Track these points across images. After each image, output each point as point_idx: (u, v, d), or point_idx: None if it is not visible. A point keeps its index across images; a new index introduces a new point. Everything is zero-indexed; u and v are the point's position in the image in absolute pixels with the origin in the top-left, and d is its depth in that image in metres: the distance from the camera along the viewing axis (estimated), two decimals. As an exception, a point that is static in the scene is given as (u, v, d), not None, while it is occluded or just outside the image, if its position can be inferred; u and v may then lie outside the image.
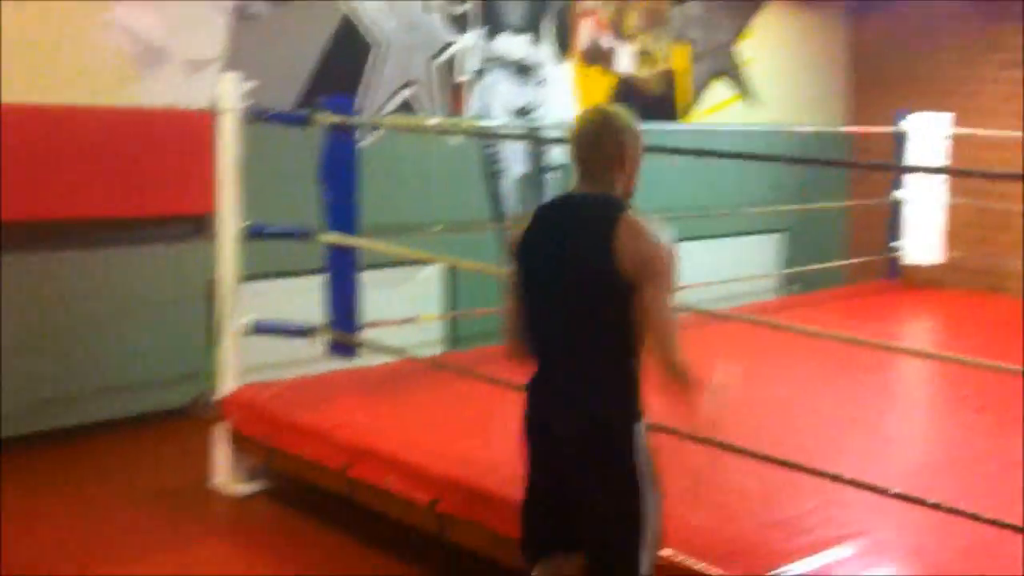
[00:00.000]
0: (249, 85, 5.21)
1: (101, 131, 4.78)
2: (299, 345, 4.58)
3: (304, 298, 4.67)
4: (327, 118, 4.38)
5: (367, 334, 4.58)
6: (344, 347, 4.44)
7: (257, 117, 4.41)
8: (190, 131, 4.82)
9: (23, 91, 4.57)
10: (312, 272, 4.61)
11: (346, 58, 5.74)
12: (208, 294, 4.45)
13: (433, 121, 5.78)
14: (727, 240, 7.89)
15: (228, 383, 4.42)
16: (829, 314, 6.75)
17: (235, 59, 5.27)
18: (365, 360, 4.66)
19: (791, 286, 8.28)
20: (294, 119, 4.52)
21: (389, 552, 3.81)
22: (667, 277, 2.55)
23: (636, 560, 2.60)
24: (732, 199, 7.44)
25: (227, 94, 4.36)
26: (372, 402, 4.31)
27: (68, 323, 4.82)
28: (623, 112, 2.72)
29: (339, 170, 4.41)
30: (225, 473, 4.39)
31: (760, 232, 8.21)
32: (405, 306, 5.68)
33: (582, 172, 2.67)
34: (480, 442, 3.76)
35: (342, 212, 4.40)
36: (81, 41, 4.80)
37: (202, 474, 4.42)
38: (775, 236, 8.36)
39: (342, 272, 4.41)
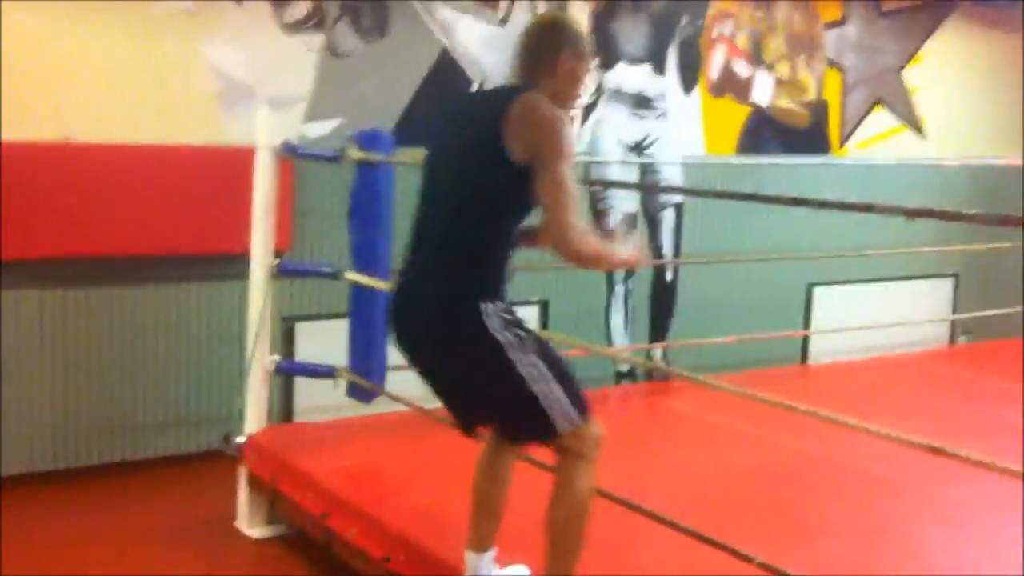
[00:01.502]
0: (335, 123, 5.32)
1: (168, 169, 4.88)
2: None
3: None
4: (356, 154, 4.31)
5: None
6: (361, 391, 4.34)
7: (291, 153, 4.40)
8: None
9: (111, 130, 4.76)
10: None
11: (444, 93, 5.64)
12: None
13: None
14: (891, 284, 7.32)
15: (252, 424, 4.42)
16: (989, 368, 6.16)
17: (322, 96, 5.30)
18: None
19: (962, 336, 7.60)
20: (326, 156, 4.46)
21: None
22: (557, 147, 2.49)
23: (543, 419, 2.59)
24: (896, 239, 6.80)
25: (262, 129, 4.38)
26: (369, 450, 4.20)
27: (127, 357, 4.98)
28: (571, 23, 2.76)
29: (367, 207, 4.32)
30: (244, 514, 4.38)
31: (928, 276, 7.53)
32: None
33: (512, 68, 2.69)
34: (447, 497, 3.56)
35: (368, 250, 4.31)
36: (171, 80, 4.92)
37: (231, 513, 4.44)
38: (945, 280, 7.65)
39: (363, 313, 4.31)
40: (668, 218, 6.48)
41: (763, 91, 6.80)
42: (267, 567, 4.11)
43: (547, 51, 2.62)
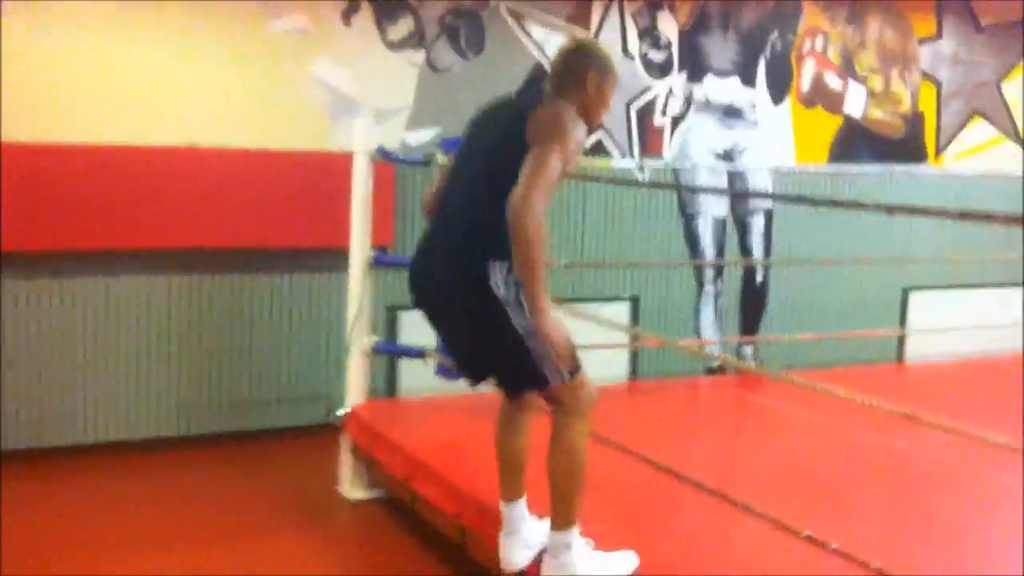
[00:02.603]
0: (433, 131, 5.78)
1: (281, 172, 5.42)
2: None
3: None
4: (442, 159, 4.74)
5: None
6: (447, 371, 4.73)
7: (384, 158, 4.87)
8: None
9: (232, 136, 5.34)
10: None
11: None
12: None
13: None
14: (989, 290, 7.40)
15: (352, 399, 4.89)
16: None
17: (422, 108, 5.77)
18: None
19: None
20: (416, 161, 4.91)
21: (433, 556, 4.15)
22: (557, 137, 2.80)
23: (537, 372, 2.92)
24: (992, 245, 6.92)
25: (360, 137, 4.86)
26: (453, 424, 4.60)
27: (242, 338, 5.55)
28: (598, 47, 3.18)
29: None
30: (346, 480, 4.86)
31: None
32: (591, 337, 5.87)
33: (547, 85, 3.09)
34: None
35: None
36: (285, 93, 5.47)
37: (335, 479, 4.93)
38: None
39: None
40: (758, 223, 6.74)
41: (856, 102, 7.01)
42: (365, 526, 4.59)
43: (577, 70, 3.01)
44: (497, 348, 2.98)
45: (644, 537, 3.40)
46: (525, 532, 3.22)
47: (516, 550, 3.21)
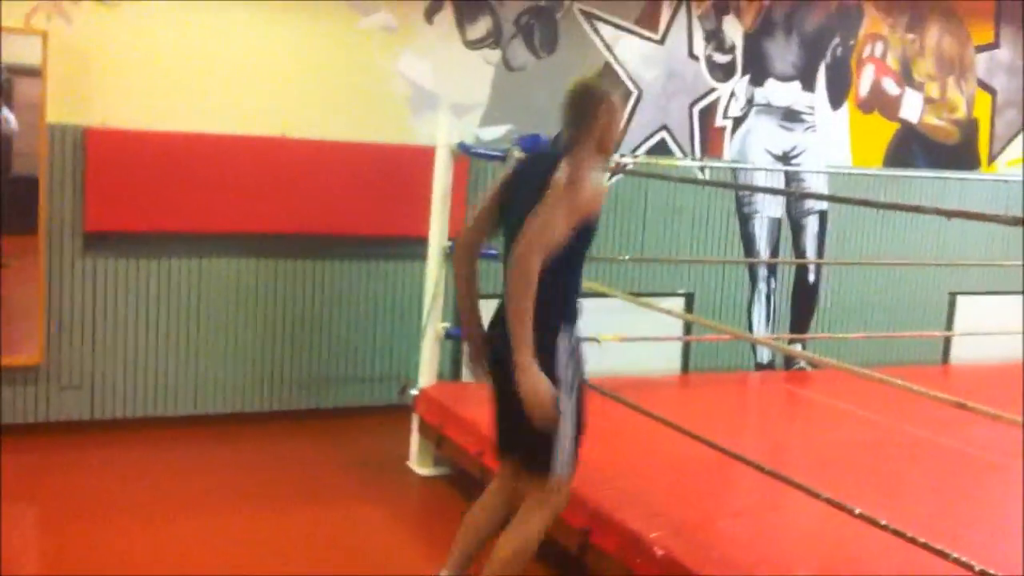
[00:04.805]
0: (506, 128, 6.06)
1: (363, 163, 5.71)
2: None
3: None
4: (518, 154, 5.00)
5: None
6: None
7: (465, 152, 5.15)
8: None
9: (319, 127, 5.64)
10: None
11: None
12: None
13: (626, 160, 6.18)
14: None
15: (424, 379, 5.19)
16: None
17: (496, 104, 6.05)
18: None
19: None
20: (494, 155, 5.19)
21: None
22: (566, 195, 3.05)
23: (550, 455, 3.18)
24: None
25: (442, 131, 5.15)
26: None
27: (321, 319, 5.85)
28: (600, 84, 3.43)
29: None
30: (415, 454, 5.17)
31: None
32: (648, 330, 6.14)
33: (562, 123, 3.28)
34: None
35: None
36: (370, 86, 5.76)
37: (404, 455, 5.24)
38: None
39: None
40: (812, 224, 6.96)
41: (912, 108, 7.20)
42: (432, 498, 4.93)
43: (585, 112, 3.19)
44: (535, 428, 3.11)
45: (701, 512, 3.68)
46: None
47: None
